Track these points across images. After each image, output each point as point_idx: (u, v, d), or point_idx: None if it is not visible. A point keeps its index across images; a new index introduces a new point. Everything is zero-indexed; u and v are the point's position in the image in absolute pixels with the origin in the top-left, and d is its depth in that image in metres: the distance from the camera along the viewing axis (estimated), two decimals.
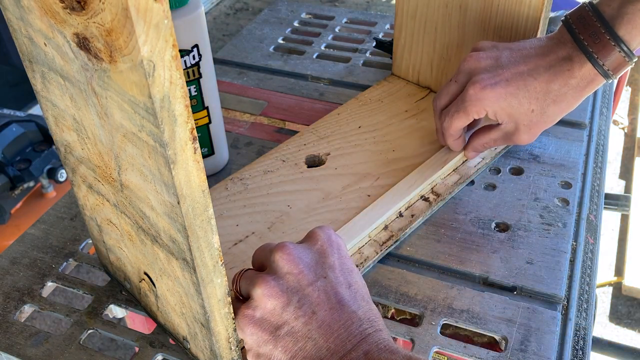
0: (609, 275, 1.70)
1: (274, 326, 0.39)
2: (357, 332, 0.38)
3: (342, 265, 0.41)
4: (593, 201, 0.61)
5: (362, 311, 0.39)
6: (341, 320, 0.38)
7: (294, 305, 0.39)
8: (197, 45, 0.56)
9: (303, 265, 0.40)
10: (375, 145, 0.65)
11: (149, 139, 0.31)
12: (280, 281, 0.39)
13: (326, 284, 0.39)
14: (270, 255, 0.41)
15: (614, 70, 0.51)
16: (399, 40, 0.73)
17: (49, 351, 0.48)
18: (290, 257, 0.40)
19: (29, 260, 0.56)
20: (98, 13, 0.28)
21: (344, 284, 0.40)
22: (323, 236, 0.43)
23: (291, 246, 0.41)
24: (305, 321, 0.38)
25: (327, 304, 0.39)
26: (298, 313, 0.38)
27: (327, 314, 0.38)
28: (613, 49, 0.50)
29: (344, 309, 0.39)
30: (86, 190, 0.45)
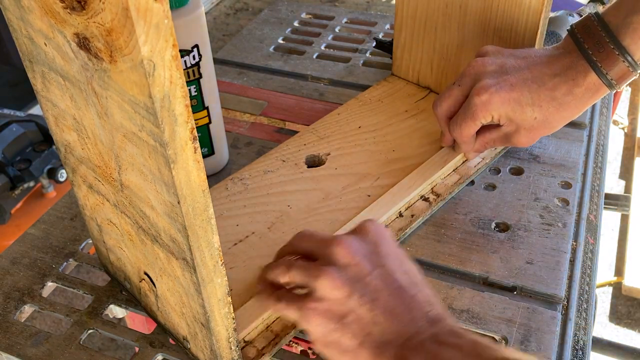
0: (609, 275, 1.70)
1: (339, 315, 0.40)
2: (420, 315, 0.40)
3: (395, 254, 0.43)
4: (593, 201, 0.61)
5: (421, 295, 0.41)
6: (403, 305, 0.40)
7: (357, 294, 0.40)
8: (197, 45, 0.56)
9: (360, 256, 0.42)
10: (375, 145, 0.65)
11: (149, 139, 0.31)
12: (342, 272, 0.41)
13: (383, 272, 0.42)
14: (326, 247, 0.43)
15: (618, 80, 0.51)
16: (399, 40, 0.73)
17: (49, 351, 0.48)
18: (349, 249, 0.42)
19: (29, 260, 0.56)
20: (98, 13, 0.28)
21: (399, 271, 0.42)
22: (373, 228, 0.45)
23: (348, 239, 0.43)
24: (369, 308, 0.40)
25: (387, 291, 0.41)
26: (361, 301, 0.40)
27: (389, 300, 0.40)
28: (617, 58, 0.50)
29: (404, 294, 0.41)
30: (86, 190, 0.45)
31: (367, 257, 0.42)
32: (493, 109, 0.54)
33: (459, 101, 0.57)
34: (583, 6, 0.84)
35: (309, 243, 0.45)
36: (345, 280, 0.41)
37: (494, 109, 0.54)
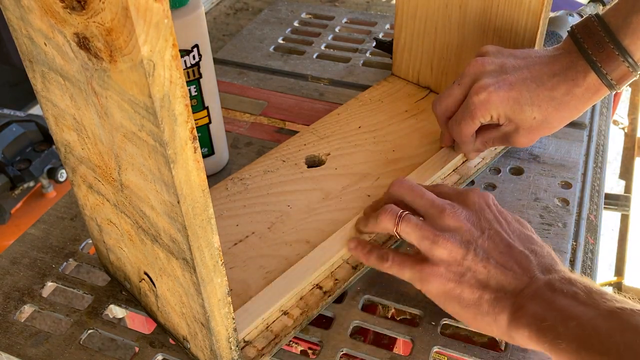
0: (609, 275, 1.70)
1: (457, 275, 0.45)
2: (531, 267, 0.44)
3: (499, 218, 0.48)
4: (593, 201, 0.61)
5: (529, 250, 0.45)
6: (513, 259, 0.44)
7: (471, 254, 0.45)
8: (197, 45, 0.56)
9: (470, 223, 0.47)
10: (375, 145, 0.65)
11: (149, 139, 0.31)
12: (456, 236, 0.46)
13: (492, 234, 0.46)
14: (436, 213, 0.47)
15: (618, 81, 0.51)
16: (399, 40, 0.73)
17: (49, 351, 0.48)
18: (458, 218, 0.47)
19: (29, 260, 0.56)
20: (98, 13, 0.28)
21: (506, 231, 0.46)
22: (477, 200, 0.48)
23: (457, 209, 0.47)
24: (483, 265, 0.44)
25: (497, 249, 0.45)
26: (476, 259, 0.45)
27: (500, 256, 0.45)
28: (617, 59, 0.50)
29: (513, 250, 0.45)
30: (86, 190, 0.45)
31: (475, 224, 0.47)
32: (492, 108, 0.54)
33: (459, 101, 0.57)
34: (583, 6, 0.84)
35: (415, 199, 0.50)
36: (459, 244, 0.45)
37: (493, 107, 0.54)
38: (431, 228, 0.47)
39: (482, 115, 0.55)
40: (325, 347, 0.47)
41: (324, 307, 0.50)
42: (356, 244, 0.51)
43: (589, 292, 0.40)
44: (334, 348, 0.47)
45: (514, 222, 0.48)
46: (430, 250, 0.46)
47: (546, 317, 0.40)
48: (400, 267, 0.47)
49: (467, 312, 0.44)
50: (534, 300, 0.41)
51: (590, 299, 0.39)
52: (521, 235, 0.47)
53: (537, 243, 0.46)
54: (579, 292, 0.40)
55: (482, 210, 0.48)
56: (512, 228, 0.47)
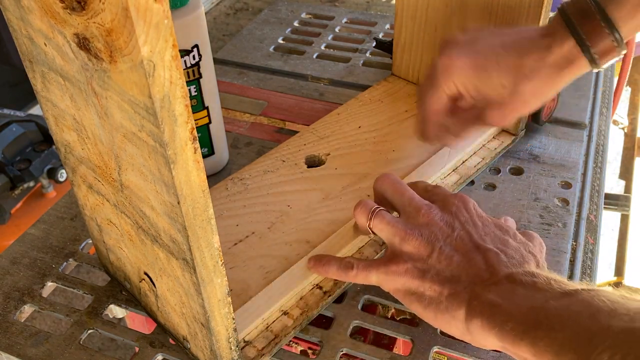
0: (609, 275, 1.70)
1: (421, 271, 0.44)
2: (496, 264, 0.43)
3: (475, 221, 0.47)
4: (593, 201, 0.61)
5: (499, 249, 0.44)
6: (479, 257, 0.44)
7: (436, 252, 0.45)
8: (197, 45, 0.56)
9: (443, 222, 0.46)
10: (375, 145, 0.65)
11: (149, 139, 0.31)
12: (425, 233, 0.46)
13: (461, 234, 0.45)
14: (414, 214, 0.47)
15: (601, 56, 0.47)
16: (399, 40, 0.73)
17: (49, 351, 0.48)
18: (433, 217, 0.47)
19: (29, 260, 0.56)
20: (98, 13, 0.28)
21: (476, 234, 0.46)
22: (457, 202, 0.48)
23: (433, 209, 0.47)
24: (447, 262, 0.44)
25: (465, 248, 0.44)
26: (440, 257, 0.44)
27: (466, 255, 0.44)
28: (603, 31, 0.46)
29: (480, 249, 0.44)
30: (86, 190, 0.45)
31: (448, 223, 0.46)
32: (455, 75, 0.51)
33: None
34: None
35: (395, 196, 0.50)
36: (427, 241, 0.45)
37: (456, 74, 0.51)
38: (403, 226, 0.46)
39: (446, 84, 0.51)
40: (325, 347, 0.48)
41: (324, 307, 0.50)
42: (313, 261, 0.50)
43: (549, 280, 0.39)
44: (334, 348, 0.47)
45: (493, 226, 0.47)
46: (399, 246, 0.46)
47: (499, 304, 0.39)
48: (367, 271, 0.46)
49: (429, 311, 0.44)
50: (491, 291, 0.41)
51: (548, 285, 0.39)
52: (495, 238, 0.46)
53: (511, 247, 0.45)
54: (538, 281, 0.40)
55: (458, 212, 0.47)
56: (487, 231, 0.46)
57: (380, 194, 0.52)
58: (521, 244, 0.46)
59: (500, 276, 0.42)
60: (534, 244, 0.47)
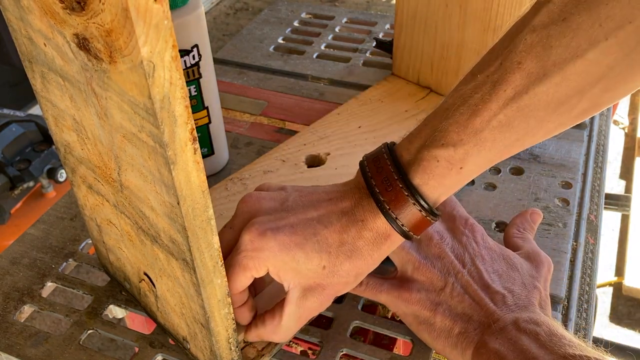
0: (609, 276, 1.70)
1: (434, 304, 0.45)
2: (503, 306, 0.44)
3: (484, 255, 0.48)
4: (593, 201, 0.61)
5: (507, 290, 0.45)
6: (488, 297, 0.45)
7: (449, 287, 0.45)
8: (197, 45, 0.56)
9: (454, 255, 0.47)
10: (375, 145, 0.64)
11: (148, 140, 0.31)
12: (438, 266, 0.46)
13: (472, 271, 0.46)
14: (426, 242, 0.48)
15: (412, 228, 0.41)
16: (399, 40, 0.73)
17: (48, 351, 0.48)
18: (445, 248, 0.47)
19: (28, 260, 0.56)
20: (98, 13, 0.28)
21: (485, 271, 0.46)
22: (468, 232, 0.49)
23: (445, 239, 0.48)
24: (459, 299, 0.45)
25: (475, 286, 0.45)
26: (453, 294, 0.45)
27: (476, 294, 0.45)
28: (407, 200, 0.40)
29: (489, 289, 0.45)
30: (86, 190, 0.45)
31: (459, 257, 0.47)
32: (267, 257, 0.41)
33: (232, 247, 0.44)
34: None
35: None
36: (440, 275, 0.46)
37: (269, 257, 0.41)
38: (417, 254, 0.47)
39: (256, 267, 0.41)
40: (325, 347, 0.47)
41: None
42: None
43: (550, 334, 0.40)
44: (334, 348, 0.47)
45: (500, 260, 0.48)
46: (411, 275, 0.47)
47: (505, 356, 0.40)
48: (377, 290, 0.47)
49: (438, 343, 0.45)
50: (498, 338, 0.41)
51: (550, 342, 0.39)
52: (503, 275, 0.46)
53: (517, 284, 0.46)
54: (540, 334, 0.40)
55: (468, 244, 0.48)
56: (495, 267, 0.47)
57: None
58: (528, 277, 0.47)
59: (507, 321, 0.42)
60: (540, 273, 0.47)
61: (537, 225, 0.53)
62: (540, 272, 0.47)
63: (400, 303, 0.46)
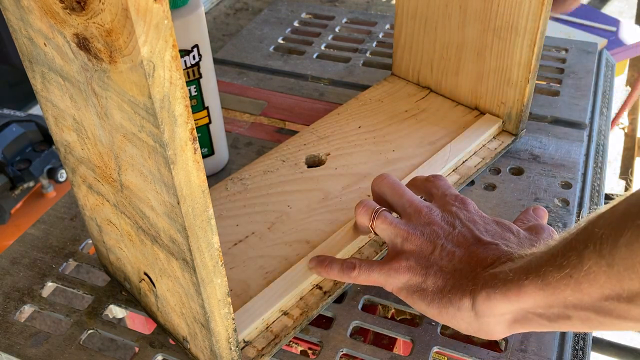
0: None
1: (424, 268, 0.45)
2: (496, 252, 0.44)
3: (475, 219, 0.48)
4: (593, 201, 0.61)
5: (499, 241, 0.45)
6: (480, 249, 0.45)
7: (438, 249, 0.46)
8: (197, 45, 0.56)
9: (443, 221, 0.47)
10: (375, 145, 0.65)
11: (148, 140, 0.31)
12: (427, 232, 0.47)
13: (462, 231, 0.46)
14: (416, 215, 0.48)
15: None
16: (399, 40, 0.73)
17: (49, 351, 0.48)
18: (435, 217, 0.48)
19: (29, 260, 0.56)
20: (98, 13, 0.28)
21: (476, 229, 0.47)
22: (458, 204, 0.49)
23: (434, 210, 0.48)
24: (449, 258, 0.45)
25: (466, 243, 0.46)
26: (442, 254, 0.45)
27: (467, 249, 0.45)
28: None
29: (481, 241, 0.45)
30: (86, 190, 0.45)
31: (449, 222, 0.47)
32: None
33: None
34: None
35: (395, 198, 0.50)
36: (428, 239, 0.46)
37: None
38: (405, 226, 0.47)
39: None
40: (325, 347, 0.47)
41: (324, 307, 0.50)
42: (315, 262, 0.50)
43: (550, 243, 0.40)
44: (334, 348, 0.47)
45: (494, 224, 0.48)
46: (401, 247, 0.47)
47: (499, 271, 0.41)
48: (369, 271, 0.47)
49: (432, 307, 0.44)
50: (489, 271, 0.42)
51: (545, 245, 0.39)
52: (496, 233, 0.46)
53: (512, 241, 0.45)
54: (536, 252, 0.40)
55: (459, 211, 0.48)
56: (488, 227, 0.47)
57: (379, 195, 0.52)
58: (524, 239, 0.46)
59: (501, 261, 0.42)
60: (540, 237, 0.47)
61: (544, 220, 0.52)
62: (539, 236, 0.46)
63: (392, 276, 0.46)
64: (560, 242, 0.38)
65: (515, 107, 0.64)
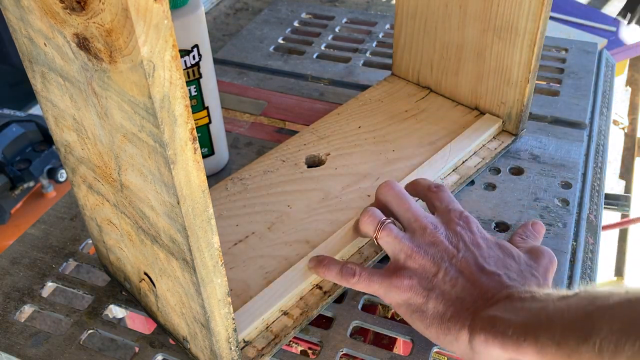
0: (609, 275, 1.70)
1: (426, 290, 0.45)
2: (497, 284, 0.44)
3: (479, 242, 0.47)
4: (593, 201, 0.61)
5: (501, 270, 0.45)
6: (482, 278, 0.44)
7: (442, 272, 0.45)
8: (197, 45, 0.56)
9: (448, 242, 0.47)
10: (375, 145, 0.65)
11: (148, 139, 0.31)
12: (431, 252, 0.46)
13: (466, 256, 0.46)
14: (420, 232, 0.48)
15: None
16: (399, 40, 0.73)
17: (49, 351, 0.48)
18: (439, 237, 0.47)
19: (29, 260, 0.56)
20: (98, 13, 0.28)
21: (480, 256, 0.46)
22: (462, 222, 0.49)
23: (439, 229, 0.48)
24: (452, 284, 0.45)
25: (469, 270, 0.45)
26: (445, 279, 0.45)
27: (470, 277, 0.45)
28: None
29: (484, 271, 0.45)
30: (86, 190, 0.45)
31: (454, 243, 0.47)
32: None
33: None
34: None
35: (400, 210, 0.50)
36: (432, 261, 0.46)
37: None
38: (410, 243, 0.47)
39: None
40: (325, 347, 0.47)
41: (324, 307, 0.50)
42: (314, 262, 0.50)
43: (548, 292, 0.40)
44: (334, 348, 0.47)
45: (496, 248, 0.47)
46: (404, 263, 0.46)
47: (500, 316, 0.40)
48: (369, 281, 0.47)
49: (431, 330, 0.44)
50: (491, 309, 0.42)
51: (546, 295, 0.40)
52: (499, 260, 0.46)
53: (513, 269, 0.45)
54: (536, 294, 0.40)
55: (463, 232, 0.48)
56: (491, 253, 0.47)
57: (383, 203, 0.52)
58: (525, 266, 0.46)
59: (501, 295, 0.42)
60: (540, 263, 0.47)
61: (541, 236, 0.52)
62: (540, 262, 0.47)
63: (393, 291, 0.46)
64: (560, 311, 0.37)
65: (515, 107, 0.64)
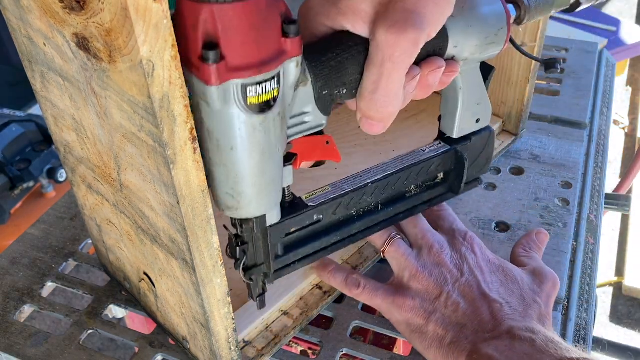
0: (609, 275, 1.70)
1: (428, 312, 0.45)
2: (499, 315, 0.44)
3: (482, 266, 0.48)
4: (593, 201, 0.61)
5: (503, 300, 0.45)
6: (484, 306, 0.44)
7: (444, 296, 0.46)
8: None
9: (452, 264, 0.47)
10: (375, 145, 0.65)
11: (148, 139, 0.31)
12: (435, 274, 0.47)
13: (469, 280, 0.46)
14: (427, 251, 0.48)
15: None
16: None
17: (48, 351, 0.48)
18: (444, 258, 0.48)
19: (29, 260, 0.56)
20: (97, 13, 0.28)
21: (483, 281, 0.46)
22: (467, 242, 0.49)
23: (444, 250, 0.48)
24: (454, 308, 0.45)
25: (471, 296, 0.45)
26: (448, 302, 0.45)
27: (472, 303, 0.45)
28: None
29: (486, 298, 0.45)
30: (86, 190, 0.45)
31: (458, 266, 0.47)
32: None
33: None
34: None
35: (409, 226, 0.51)
36: (436, 283, 0.46)
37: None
38: (415, 262, 0.48)
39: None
40: (325, 347, 0.47)
41: (324, 307, 0.50)
42: (319, 265, 0.50)
43: (547, 341, 0.40)
44: (334, 348, 0.47)
45: (499, 272, 0.48)
46: (408, 282, 0.47)
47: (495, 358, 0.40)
48: (372, 295, 0.47)
49: (430, 352, 0.45)
50: (491, 344, 0.42)
51: (546, 346, 0.40)
52: (501, 286, 0.46)
53: (515, 296, 0.46)
54: (536, 340, 0.40)
55: (467, 254, 0.48)
56: (494, 278, 0.47)
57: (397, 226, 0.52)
58: (528, 290, 0.46)
59: (502, 330, 0.42)
60: (543, 289, 0.47)
61: (544, 246, 0.52)
62: (543, 288, 0.47)
63: (394, 309, 0.46)
64: None
65: (515, 107, 0.64)
